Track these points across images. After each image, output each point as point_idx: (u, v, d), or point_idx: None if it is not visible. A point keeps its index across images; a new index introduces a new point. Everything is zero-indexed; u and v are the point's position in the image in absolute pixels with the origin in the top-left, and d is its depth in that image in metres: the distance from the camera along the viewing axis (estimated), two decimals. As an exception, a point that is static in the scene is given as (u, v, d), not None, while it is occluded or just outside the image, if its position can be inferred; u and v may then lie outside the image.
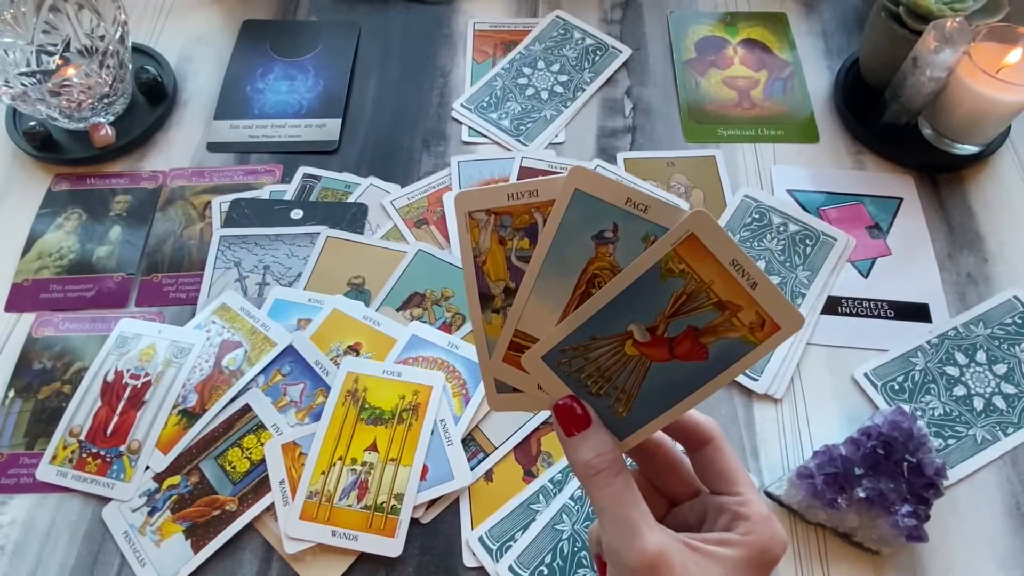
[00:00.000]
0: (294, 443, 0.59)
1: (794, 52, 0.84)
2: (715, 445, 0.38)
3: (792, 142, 0.77)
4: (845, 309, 0.66)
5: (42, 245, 0.71)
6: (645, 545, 0.32)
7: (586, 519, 0.56)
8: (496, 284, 0.36)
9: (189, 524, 0.57)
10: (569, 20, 0.86)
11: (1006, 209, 0.72)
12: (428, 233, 0.72)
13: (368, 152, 0.77)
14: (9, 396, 0.63)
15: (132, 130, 0.77)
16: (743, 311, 0.33)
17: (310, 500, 0.56)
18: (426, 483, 0.57)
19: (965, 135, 0.71)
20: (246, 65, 0.84)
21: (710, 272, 0.32)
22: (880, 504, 0.52)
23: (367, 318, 0.65)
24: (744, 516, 0.35)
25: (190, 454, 0.60)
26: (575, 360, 0.35)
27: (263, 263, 0.70)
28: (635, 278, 0.33)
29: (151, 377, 0.63)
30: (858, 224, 0.71)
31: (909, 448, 0.53)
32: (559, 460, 0.60)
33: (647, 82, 0.82)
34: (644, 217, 0.33)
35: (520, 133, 0.78)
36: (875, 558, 0.55)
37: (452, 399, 0.61)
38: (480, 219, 0.35)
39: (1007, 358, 0.63)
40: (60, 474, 0.59)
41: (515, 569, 0.54)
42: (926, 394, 0.61)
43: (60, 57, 0.77)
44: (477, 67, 0.83)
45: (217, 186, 0.75)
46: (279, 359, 0.64)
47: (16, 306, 0.68)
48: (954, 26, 0.64)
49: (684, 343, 0.34)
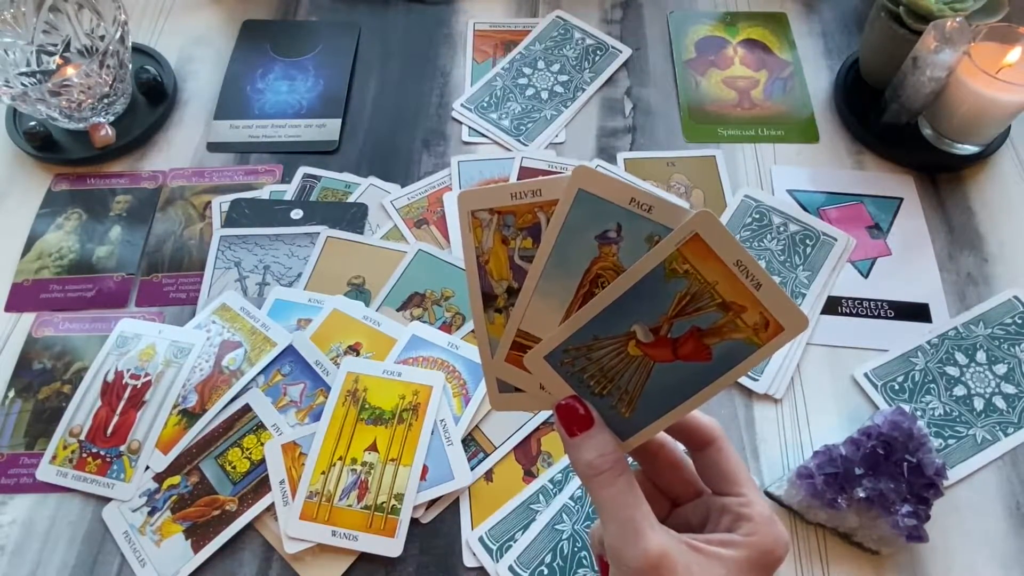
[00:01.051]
0: (294, 443, 0.59)
1: (794, 52, 0.84)
2: (718, 446, 0.38)
3: (792, 142, 0.77)
4: (845, 309, 0.66)
5: (42, 245, 0.71)
6: (648, 545, 0.32)
7: (586, 519, 0.56)
8: (499, 284, 0.35)
9: (189, 524, 0.57)
10: (569, 20, 0.86)
11: (1006, 209, 0.72)
12: (428, 233, 0.72)
13: (368, 152, 0.77)
14: (9, 396, 0.63)
15: (132, 130, 0.77)
16: (747, 312, 0.32)
17: (310, 500, 0.56)
18: (426, 483, 0.57)
19: (965, 135, 0.71)
20: (246, 65, 0.84)
21: (714, 273, 0.32)
22: (880, 504, 0.52)
23: (367, 318, 0.65)
24: (747, 517, 0.35)
25: (190, 454, 0.60)
26: (578, 360, 0.35)
27: (263, 263, 0.70)
28: (639, 278, 0.33)
29: (151, 377, 0.63)
30: (858, 224, 0.71)
31: (909, 448, 0.53)
32: (559, 460, 0.60)
33: (647, 82, 0.82)
34: (648, 217, 0.33)
35: (520, 133, 0.78)
36: (875, 558, 0.55)
37: (452, 399, 0.61)
38: (483, 218, 0.35)
39: (1007, 358, 0.63)
40: (60, 474, 0.59)
41: (515, 569, 0.54)
42: (926, 394, 0.62)
43: (60, 57, 0.77)
44: (477, 67, 0.83)
45: (217, 186, 0.75)
46: (279, 359, 0.64)
47: (16, 306, 0.68)
48: (954, 26, 0.65)
49: (688, 344, 0.33)
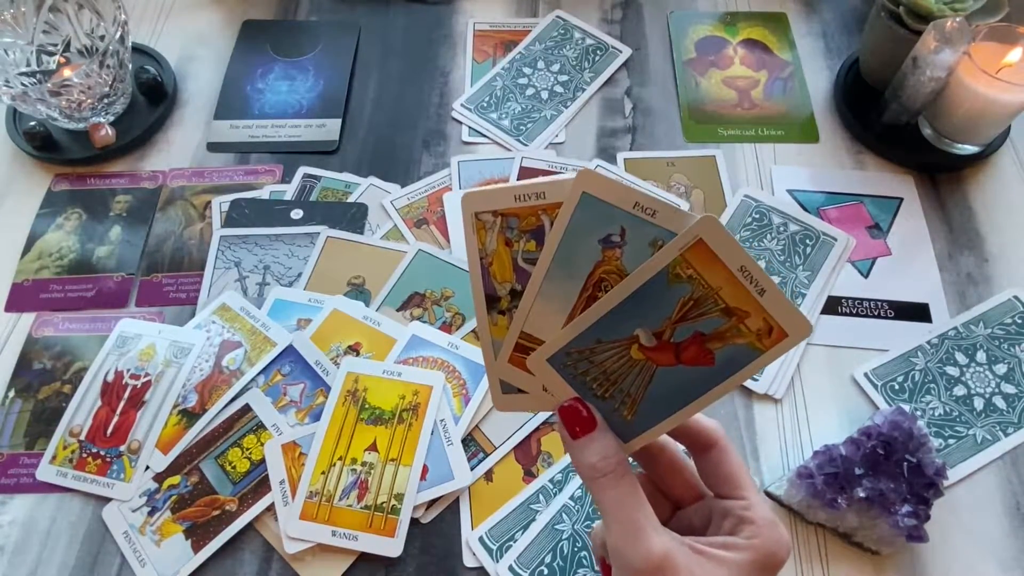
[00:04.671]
0: (294, 443, 0.59)
1: (794, 52, 0.84)
2: (720, 449, 0.38)
3: (792, 142, 0.77)
4: (845, 309, 0.66)
5: (42, 245, 0.71)
6: (651, 547, 0.32)
7: (586, 519, 0.56)
8: (502, 286, 0.35)
9: (189, 524, 0.57)
10: (569, 20, 0.86)
11: (1006, 209, 0.72)
12: (428, 233, 0.72)
13: (368, 152, 0.77)
14: (9, 396, 0.63)
15: (132, 130, 0.77)
16: (751, 318, 0.32)
17: (310, 500, 0.56)
18: (426, 483, 0.57)
19: (965, 135, 0.71)
20: (246, 65, 0.84)
21: (718, 278, 0.32)
22: (880, 504, 0.52)
23: (367, 318, 0.65)
24: (749, 520, 0.35)
25: (190, 454, 0.60)
26: (580, 363, 0.35)
27: (263, 263, 0.70)
28: (642, 283, 0.32)
29: (151, 377, 0.63)
30: (858, 224, 0.71)
31: (909, 448, 0.53)
32: (559, 460, 0.60)
33: (647, 82, 0.82)
34: (652, 222, 0.32)
35: (520, 133, 0.78)
36: (875, 558, 0.55)
37: (452, 399, 0.61)
38: (487, 220, 0.35)
39: (1007, 358, 0.63)
40: (60, 474, 0.59)
41: (515, 569, 0.54)
42: (926, 394, 0.62)
43: (60, 57, 0.77)
44: (477, 67, 0.83)
45: (217, 186, 0.75)
46: (279, 359, 0.64)
47: (16, 306, 0.68)
48: (954, 26, 0.65)
49: (690, 349, 0.33)
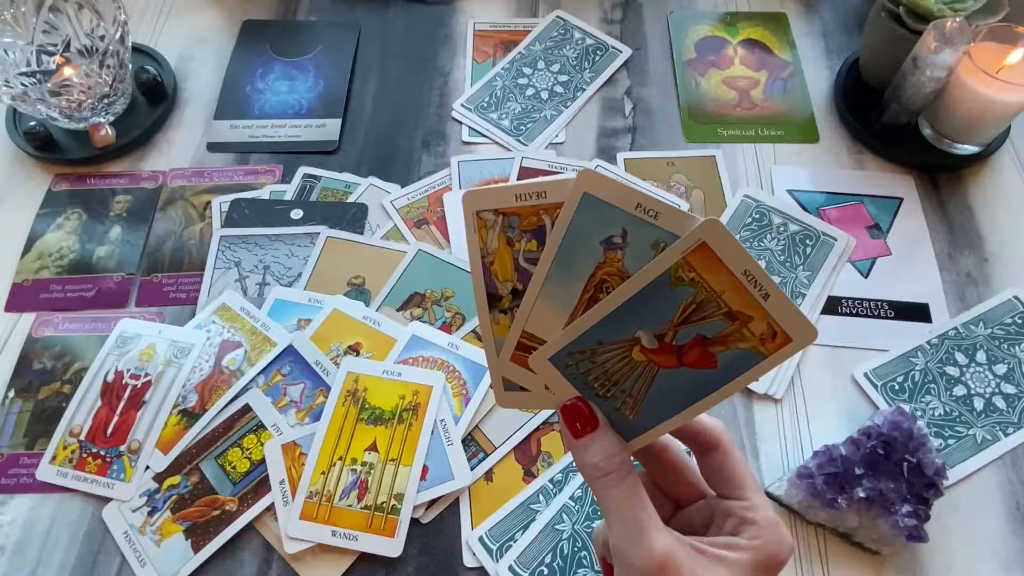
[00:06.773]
0: (294, 443, 0.59)
1: (794, 52, 0.84)
2: (723, 449, 0.38)
3: (792, 142, 0.77)
4: (845, 309, 0.66)
5: (42, 245, 0.71)
6: (653, 547, 0.32)
7: (586, 519, 0.56)
8: (504, 285, 0.35)
9: (189, 524, 0.57)
10: (569, 20, 0.86)
11: (1006, 209, 0.72)
12: (428, 233, 0.72)
13: (368, 152, 0.77)
14: (9, 396, 0.63)
15: (132, 130, 0.77)
16: (754, 322, 0.32)
17: (310, 500, 0.56)
18: (426, 483, 0.57)
19: (965, 135, 0.71)
20: (246, 65, 0.84)
21: (721, 282, 0.31)
22: (880, 504, 0.52)
23: (367, 318, 0.65)
24: (751, 521, 0.35)
25: (190, 454, 0.60)
26: (582, 363, 0.35)
27: (263, 263, 0.70)
28: (643, 285, 0.32)
29: (151, 377, 0.63)
30: (858, 224, 0.71)
31: (909, 448, 0.53)
32: (559, 460, 0.60)
33: (647, 82, 0.82)
34: (654, 223, 0.32)
35: (520, 133, 0.78)
36: (875, 558, 0.55)
37: (452, 399, 0.61)
38: (488, 219, 0.34)
39: (1007, 358, 0.63)
40: (60, 474, 0.59)
41: (515, 569, 0.54)
42: (926, 394, 0.62)
43: (60, 57, 0.77)
44: (477, 67, 0.83)
45: (217, 186, 0.75)
46: (279, 359, 0.64)
47: (16, 306, 0.68)
48: (954, 26, 0.65)
49: (693, 351, 0.33)
